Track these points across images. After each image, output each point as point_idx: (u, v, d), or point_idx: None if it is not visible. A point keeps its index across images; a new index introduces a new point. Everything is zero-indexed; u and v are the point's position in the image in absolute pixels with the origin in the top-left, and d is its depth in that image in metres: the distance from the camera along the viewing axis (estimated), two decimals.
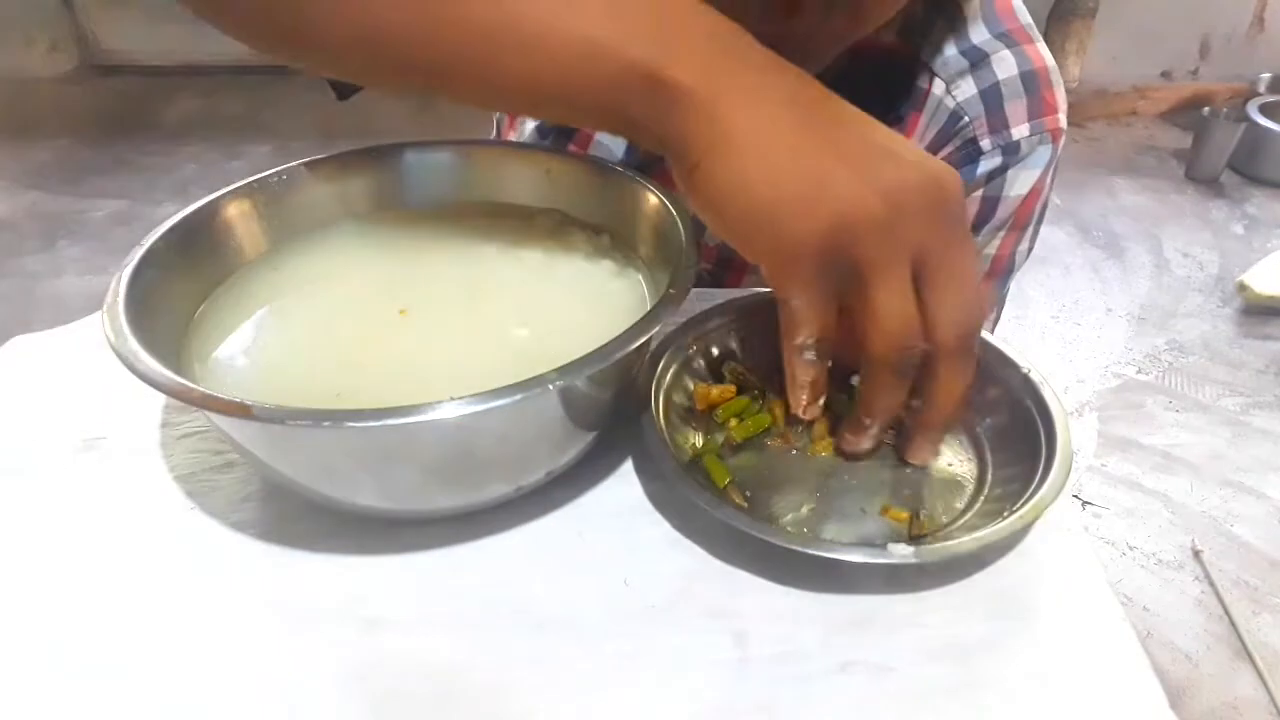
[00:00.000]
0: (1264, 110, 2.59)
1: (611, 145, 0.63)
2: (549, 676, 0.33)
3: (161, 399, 0.44)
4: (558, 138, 0.64)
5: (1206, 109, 2.57)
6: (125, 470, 0.41)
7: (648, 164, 0.60)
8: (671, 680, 0.33)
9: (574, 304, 0.44)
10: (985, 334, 0.45)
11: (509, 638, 0.34)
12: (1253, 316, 2.03)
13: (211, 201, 0.45)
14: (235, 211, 0.45)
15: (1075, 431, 1.55)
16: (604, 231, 0.49)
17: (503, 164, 0.51)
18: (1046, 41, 0.61)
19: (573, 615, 0.35)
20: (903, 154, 0.34)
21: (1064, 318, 2.07)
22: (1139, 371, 1.88)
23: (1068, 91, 0.60)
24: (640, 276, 0.46)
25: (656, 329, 0.36)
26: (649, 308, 0.38)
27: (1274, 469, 1.60)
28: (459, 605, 0.35)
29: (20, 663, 0.33)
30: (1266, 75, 2.90)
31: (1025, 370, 0.42)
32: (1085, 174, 2.66)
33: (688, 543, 0.38)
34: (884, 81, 0.58)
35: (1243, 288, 2.04)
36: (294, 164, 0.48)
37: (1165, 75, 3.09)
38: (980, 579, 0.36)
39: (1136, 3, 2.93)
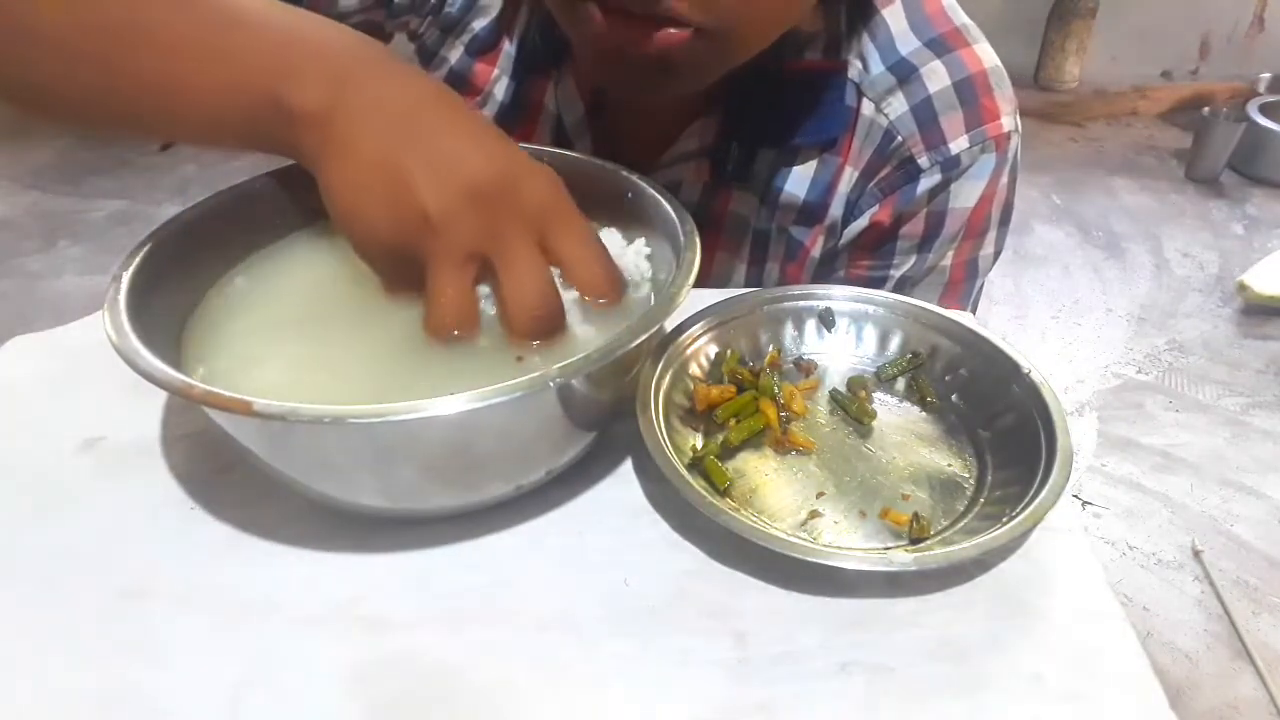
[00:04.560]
0: (1264, 110, 2.59)
1: None
2: (549, 676, 0.33)
3: (161, 399, 0.44)
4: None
5: (1206, 109, 2.57)
6: (125, 470, 0.41)
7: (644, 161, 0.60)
8: (671, 680, 0.33)
9: (573, 303, 0.44)
10: (986, 332, 0.45)
11: (509, 638, 0.34)
12: (1253, 316, 2.03)
13: (212, 200, 0.45)
14: (236, 210, 0.45)
15: (1075, 431, 1.56)
16: (603, 230, 0.48)
17: None
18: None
19: (573, 615, 0.35)
20: (480, 156, 0.37)
21: (1064, 318, 2.07)
22: (1139, 371, 1.88)
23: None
24: (639, 278, 0.46)
25: (656, 329, 0.36)
26: (649, 307, 0.38)
27: (1274, 469, 1.60)
28: (459, 605, 0.35)
29: (19, 662, 0.33)
30: (1266, 75, 2.91)
31: (1025, 370, 0.42)
32: (1085, 174, 2.66)
33: (687, 543, 0.38)
34: (813, 104, 0.57)
35: (1243, 288, 2.04)
36: (295, 163, 0.48)
37: (1165, 75, 3.10)
38: (980, 579, 0.36)
39: (1136, 3, 2.94)
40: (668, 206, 0.44)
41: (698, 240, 0.41)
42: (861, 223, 0.60)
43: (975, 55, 0.57)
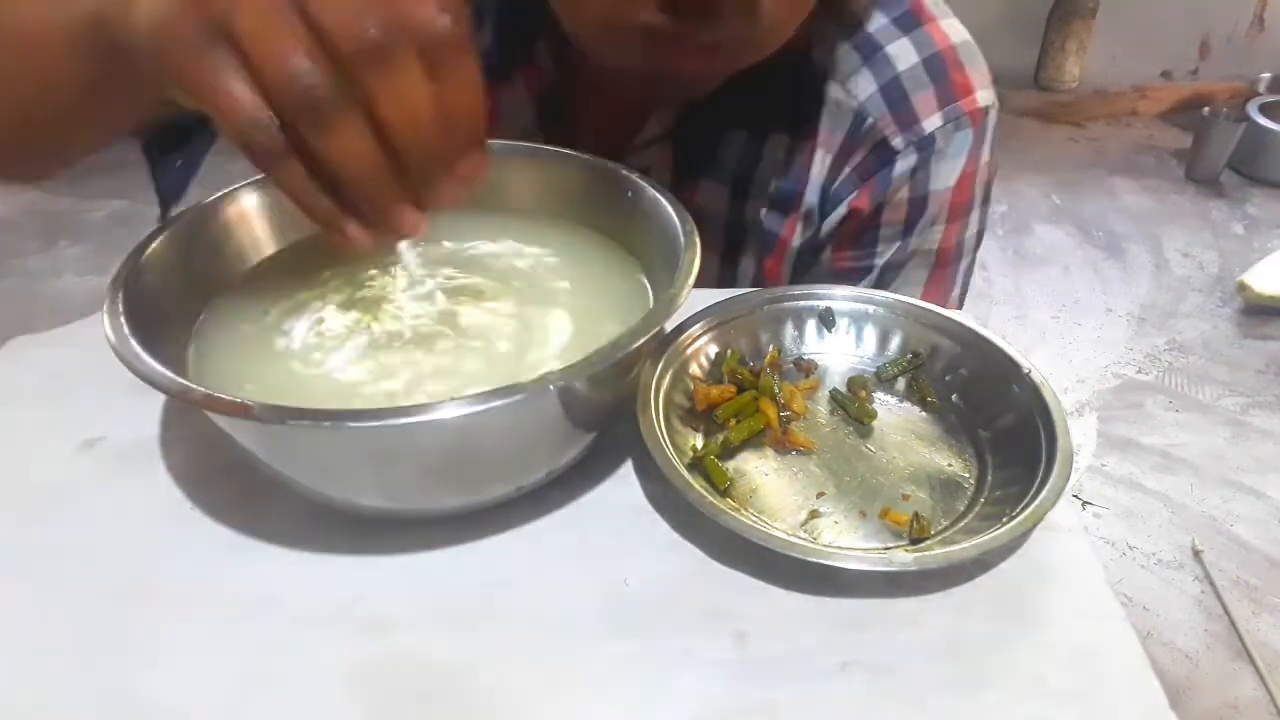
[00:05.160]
0: (1264, 110, 2.59)
1: None
2: (549, 676, 0.33)
3: (161, 399, 0.44)
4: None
5: (1206, 109, 2.57)
6: (125, 470, 0.41)
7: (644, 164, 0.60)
8: (671, 680, 0.33)
9: (575, 306, 0.44)
10: (986, 332, 0.45)
11: (509, 638, 0.34)
12: (1253, 316, 2.03)
13: (213, 201, 0.45)
14: (236, 212, 0.46)
15: (1075, 431, 1.56)
16: (605, 232, 0.49)
17: (503, 164, 0.51)
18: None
19: (573, 615, 0.35)
20: None
21: (1064, 318, 2.07)
22: (1139, 371, 1.88)
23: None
24: (640, 277, 0.46)
25: (656, 329, 0.36)
26: (649, 308, 0.38)
27: (1274, 469, 1.60)
28: (459, 605, 0.35)
29: (19, 662, 0.33)
30: (1266, 75, 2.91)
31: (1025, 370, 0.42)
32: (1085, 174, 2.66)
33: (688, 543, 0.38)
34: (776, 85, 0.55)
35: (1243, 288, 2.04)
36: None
37: (1165, 75, 3.10)
38: (980, 579, 0.36)
39: (1136, 3, 2.93)
40: (668, 206, 0.44)
41: (698, 240, 0.41)
42: (840, 211, 0.58)
43: (942, 31, 0.55)
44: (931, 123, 0.55)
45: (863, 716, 0.32)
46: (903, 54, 0.55)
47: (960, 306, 0.64)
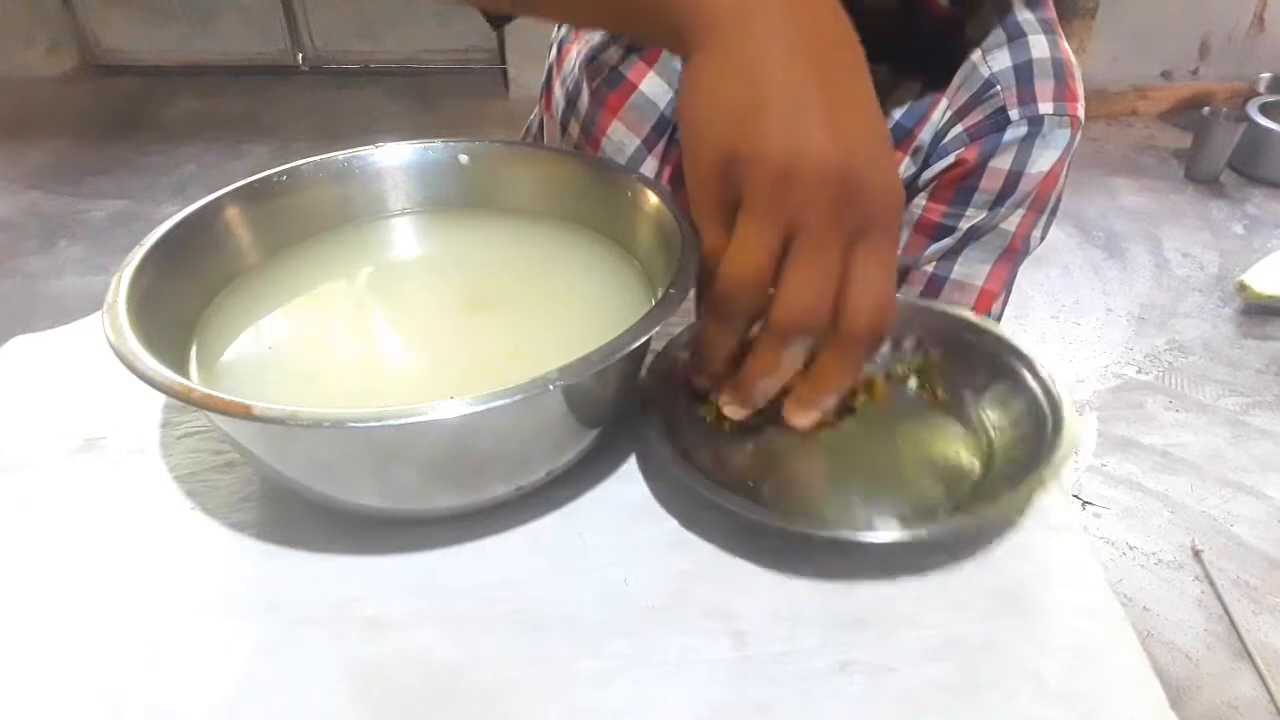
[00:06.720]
0: (1264, 110, 2.59)
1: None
2: (549, 676, 0.33)
3: (161, 399, 0.44)
4: (627, 53, 0.65)
5: (1206, 109, 2.57)
6: (125, 470, 0.41)
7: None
8: (671, 680, 0.33)
9: (575, 305, 0.45)
10: (996, 328, 0.45)
11: (509, 638, 0.34)
12: (1253, 316, 2.03)
13: (212, 202, 0.45)
14: (236, 212, 0.45)
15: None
16: (605, 233, 0.49)
17: (504, 165, 0.51)
18: None
19: (573, 615, 0.35)
20: (856, 131, 0.34)
21: (1064, 318, 2.07)
22: (1139, 371, 1.88)
23: None
24: (640, 278, 0.46)
25: (656, 330, 0.36)
26: (649, 308, 0.38)
27: (1274, 469, 1.60)
28: (459, 605, 0.35)
29: (19, 661, 0.33)
30: (1266, 75, 2.90)
31: (1035, 364, 0.43)
32: (1085, 174, 2.66)
33: (688, 543, 0.38)
34: (930, 39, 0.62)
35: (1243, 288, 2.04)
36: (295, 164, 0.48)
37: (1165, 75, 3.09)
38: (980, 578, 0.36)
39: (1136, 3, 2.93)
40: (668, 207, 0.44)
41: (698, 240, 0.41)
42: (948, 160, 0.63)
43: (1064, 47, 0.63)
44: (1045, 107, 0.61)
45: (862, 716, 0.32)
46: (1038, 46, 0.62)
47: (1004, 308, 0.68)
